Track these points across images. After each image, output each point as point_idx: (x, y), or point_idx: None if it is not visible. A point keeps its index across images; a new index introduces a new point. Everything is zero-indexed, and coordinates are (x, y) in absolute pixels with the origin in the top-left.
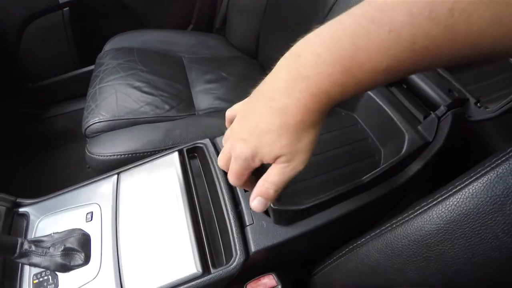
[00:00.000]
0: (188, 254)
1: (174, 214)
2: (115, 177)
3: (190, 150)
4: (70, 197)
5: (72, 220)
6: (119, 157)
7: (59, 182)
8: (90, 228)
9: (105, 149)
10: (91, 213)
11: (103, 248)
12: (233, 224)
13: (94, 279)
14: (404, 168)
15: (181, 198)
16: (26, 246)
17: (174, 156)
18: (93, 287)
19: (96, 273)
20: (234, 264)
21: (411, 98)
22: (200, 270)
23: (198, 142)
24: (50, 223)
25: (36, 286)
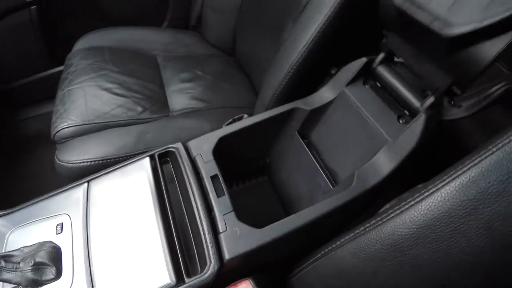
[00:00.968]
0: (161, 264)
1: (146, 223)
2: (85, 185)
3: (162, 155)
4: (40, 207)
5: (42, 232)
6: (90, 163)
7: (34, 187)
8: (61, 240)
9: (75, 155)
10: (61, 224)
11: (75, 261)
12: (206, 231)
13: None
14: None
15: (152, 206)
16: None
17: (145, 161)
18: None
19: (68, 287)
20: (209, 273)
21: (385, 97)
22: (174, 280)
23: (170, 146)
24: (21, 236)
25: None
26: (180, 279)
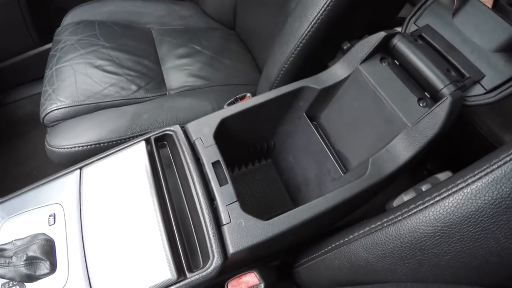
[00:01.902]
0: (161, 258)
1: (143, 213)
2: (77, 172)
3: (159, 139)
4: (31, 196)
5: (34, 223)
6: (82, 148)
7: (26, 172)
8: (54, 232)
9: (65, 140)
10: (54, 215)
11: (70, 254)
12: (208, 223)
13: None
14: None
15: (150, 195)
16: None
17: (141, 146)
18: None
19: (64, 281)
20: (212, 267)
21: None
22: (175, 275)
23: (167, 129)
24: (13, 227)
25: None
26: (181, 274)
